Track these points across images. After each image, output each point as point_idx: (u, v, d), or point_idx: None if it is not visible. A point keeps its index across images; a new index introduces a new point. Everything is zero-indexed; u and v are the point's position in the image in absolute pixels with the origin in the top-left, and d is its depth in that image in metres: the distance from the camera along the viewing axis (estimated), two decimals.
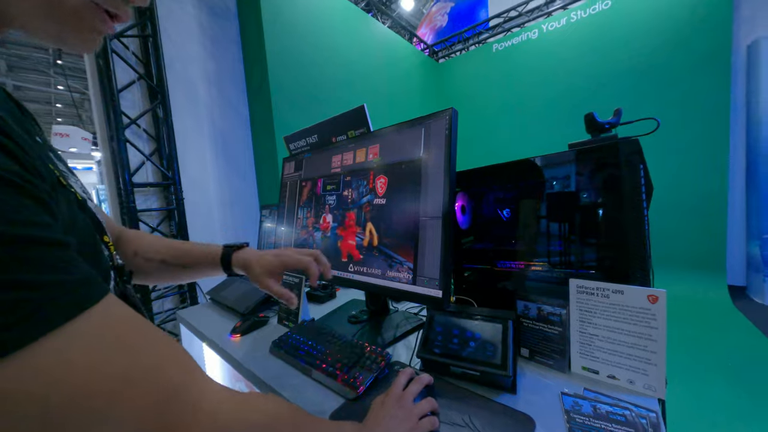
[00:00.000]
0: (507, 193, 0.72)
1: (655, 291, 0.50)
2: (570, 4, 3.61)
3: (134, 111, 1.82)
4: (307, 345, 0.69)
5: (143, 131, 1.85)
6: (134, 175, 1.76)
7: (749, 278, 2.91)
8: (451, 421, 0.47)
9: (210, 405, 0.25)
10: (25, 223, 0.17)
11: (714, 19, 2.80)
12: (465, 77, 4.47)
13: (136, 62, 1.83)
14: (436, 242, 0.56)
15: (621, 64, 3.23)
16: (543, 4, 3.82)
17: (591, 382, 0.55)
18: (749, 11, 2.84)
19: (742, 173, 2.91)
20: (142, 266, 0.54)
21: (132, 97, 1.82)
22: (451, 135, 0.57)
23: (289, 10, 2.43)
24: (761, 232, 2.68)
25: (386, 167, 0.67)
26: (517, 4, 3.98)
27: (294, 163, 0.98)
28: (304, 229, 0.88)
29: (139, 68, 1.83)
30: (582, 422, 0.46)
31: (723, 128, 2.84)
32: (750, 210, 2.87)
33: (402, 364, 0.64)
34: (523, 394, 0.53)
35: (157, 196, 1.94)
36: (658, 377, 0.50)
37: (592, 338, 0.56)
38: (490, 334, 0.58)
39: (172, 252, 0.56)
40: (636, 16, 3.13)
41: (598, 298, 0.55)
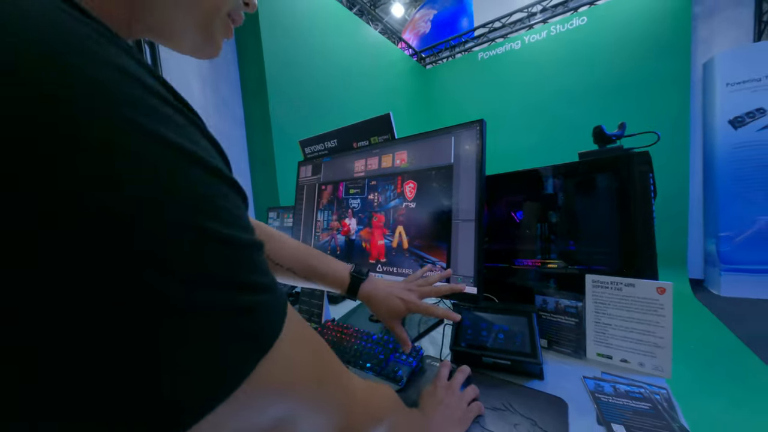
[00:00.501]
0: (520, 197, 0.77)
1: (663, 283, 0.56)
2: (550, 18, 3.80)
3: None
4: (337, 343, 0.71)
5: None
6: None
7: (707, 272, 3.19)
8: (492, 406, 0.51)
9: (360, 394, 0.26)
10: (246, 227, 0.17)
11: (675, 40, 3.05)
12: (451, 84, 4.59)
13: None
14: (469, 242, 0.60)
15: (595, 77, 3.44)
16: (525, 17, 3.99)
17: (606, 367, 0.61)
18: (705, 33, 3.13)
19: (700, 178, 3.19)
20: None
21: None
22: (482, 143, 0.61)
23: (285, 11, 2.41)
24: (717, 231, 2.95)
25: (416, 172, 0.70)
26: (501, 16, 4.14)
27: (311, 166, 0.98)
28: (325, 232, 0.89)
29: None
30: (607, 400, 0.51)
31: (683, 137, 3.11)
32: (707, 211, 3.15)
33: (433, 357, 0.67)
34: (550, 379, 0.58)
35: None
36: (665, 360, 0.56)
37: (606, 327, 0.61)
38: (516, 326, 0.62)
39: (301, 265, 0.55)
40: (609, 33, 3.36)
41: (611, 291, 0.60)
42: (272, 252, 0.53)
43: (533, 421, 0.47)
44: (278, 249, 0.54)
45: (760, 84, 2.71)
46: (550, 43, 3.72)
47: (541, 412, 0.49)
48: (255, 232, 0.18)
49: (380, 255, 0.75)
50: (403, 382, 0.57)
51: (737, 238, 2.85)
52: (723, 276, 2.90)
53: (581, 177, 0.67)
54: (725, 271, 2.89)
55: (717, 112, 2.89)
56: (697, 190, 3.20)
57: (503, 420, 0.48)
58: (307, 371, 0.20)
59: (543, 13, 3.86)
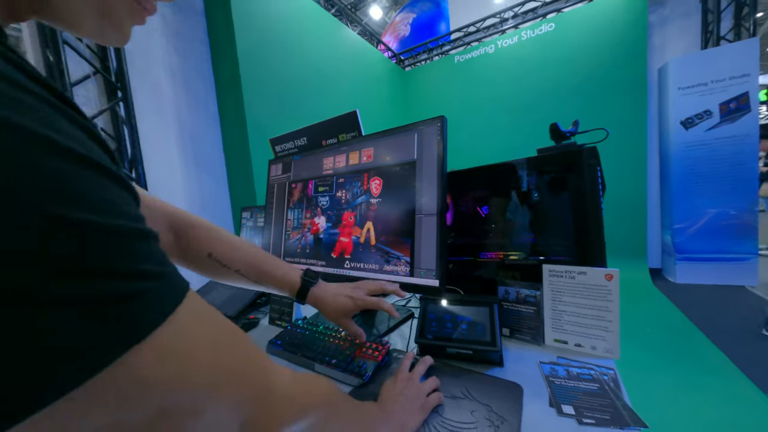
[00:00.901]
0: (485, 193, 0.78)
1: (610, 270, 0.58)
2: (521, 24, 3.92)
3: (89, 108, 1.63)
4: (306, 341, 0.69)
5: (101, 131, 1.66)
6: None
7: (664, 262, 3.40)
8: (452, 395, 0.51)
9: (285, 387, 0.25)
10: (130, 215, 0.17)
11: (633, 46, 3.23)
12: (429, 85, 4.64)
13: (91, 55, 1.64)
14: (431, 237, 0.60)
15: (562, 79, 3.59)
16: (498, 22, 4.09)
17: (562, 351, 0.63)
18: (659, 40, 3.33)
19: (657, 175, 3.40)
20: (215, 270, 0.51)
21: (86, 94, 1.63)
22: (443, 140, 0.61)
23: (260, 9, 2.34)
24: (672, 223, 3.15)
25: (381, 169, 0.70)
26: (476, 21, 4.22)
27: (281, 165, 0.96)
28: (296, 230, 0.87)
29: (95, 62, 1.65)
30: (560, 384, 0.53)
31: (641, 137, 3.29)
32: (663, 205, 3.36)
33: (400, 351, 0.67)
34: (509, 366, 0.59)
35: None
36: (613, 342, 0.59)
37: (561, 314, 0.64)
38: (479, 317, 0.63)
39: (251, 267, 0.53)
40: (575, 39, 3.51)
41: (566, 280, 0.63)
42: (220, 254, 0.51)
43: (489, 407, 0.48)
44: (227, 251, 0.52)
45: (707, 88, 2.92)
46: (521, 47, 3.84)
47: (497, 398, 0.49)
48: (144, 221, 0.18)
49: (347, 252, 0.74)
50: (368, 377, 0.57)
51: (690, 229, 3.06)
52: (678, 265, 3.10)
53: (539, 172, 0.69)
54: (680, 260, 3.10)
55: (670, 114, 3.09)
56: (655, 186, 3.41)
57: (461, 408, 0.48)
58: (200, 363, 0.18)
59: (514, 19, 3.97)
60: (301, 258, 0.85)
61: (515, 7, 3.92)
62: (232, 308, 0.95)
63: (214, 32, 2.25)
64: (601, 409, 0.46)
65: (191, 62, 2.15)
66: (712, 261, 2.98)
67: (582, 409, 0.47)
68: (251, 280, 0.53)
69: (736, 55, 2.81)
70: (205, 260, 0.50)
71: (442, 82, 4.48)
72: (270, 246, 0.95)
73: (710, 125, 2.93)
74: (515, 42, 3.88)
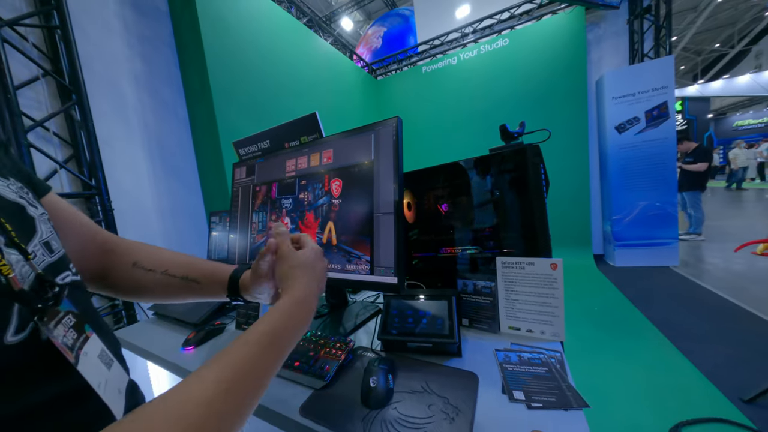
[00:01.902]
0: (444, 190, 0.77)
1: (554, 260, 0.59)
2: (480, 38, 4.04)
3: (40, 112, 1.44)
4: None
5: (53, 135, 1.47)
6: None
7: (605, 248, 3.65)
8: (412, 390, 0.49)
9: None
10: None
11: (575, 60, 3.44)
12: (399, 93, 4.66)
13: (40, 56, 1.44)
14: (389, 235, 0.57)
15: (515, 88, 3.75)
16: (460, 37, 4.19)
17: (515, 338, 0.62)
18: (596, 56, 3.57)
19: (598, 173, 3.64)
20: (142, 279, 0.43)
21: (36, 96, 1.43)
22: (397, 140, 0.58)
23: (229, 14, 2.20)
24: (611, 215, 3.39)
25: (341, 170, 0.66)
26: (440, 35, 4.29)
27: (245, 168, 0.89)
28: (260, 234, 0.81)
29: (45, 63, 1.45)
30: (512, 369, 0.52)
31: (584, 139, 3.52)
32: (603, 199, 3.60)
33: (365, 348, 0.63)
34: (467, 355, 0.58)
35: (77, 207, 1.57)
36: (559, 326, 0.60)
37: (514, 303, 0.63)
38: (438, 310, 0.61)
39: (177, 264, 0.44)
40: (526, 53, 3.67)
41: (517, 271, 0.62)
42: (145, 260, 0.44)
43: (446, 399, 0.45)
44: (151, 256, 0.45)
45: (635, 98, 3.17)
46: (480, 59, 3.96)
47: (454, 389, 0.47)
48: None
49: None
50: (329, 377, 0.53)
51: (625, 219, 3.31)
52: (617, 250, 3.34)
53: (490, 169, 0.68)
54: (618, 246, 3.34)
55: (607, 120, 3.32)
56: (596, 183, 3.65)
57: (420, 402, 0.46)
58: None
59: (474, 34, 4.08)
60: None
61: (474, 23, 4.03)
62: (196, 315, 0.87)
63: (180, 36, 2.08)
64: (548, 392, 0.46)
65: (156, 66, 1.97)
66: (644, 246, 3.24)
67: (531, 394, 0.46)
68: (178, 277, 0.44)
69: (657, 70, 3.07)
70: (131, 270, 0.44)
71: (411, 90, 4.51)
72: (236, 248, 0.88)
73: (638, 129, 3.19)
74: (475, 55, 3.99)
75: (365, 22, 9.23)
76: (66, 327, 0.27)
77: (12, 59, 1.33)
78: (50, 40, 1.48)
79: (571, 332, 1.99)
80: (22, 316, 0.24)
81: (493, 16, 3.88)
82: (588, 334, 1.99)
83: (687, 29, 9.06)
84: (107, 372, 0.30)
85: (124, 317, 1.69)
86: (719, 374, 1.49)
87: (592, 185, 3.60)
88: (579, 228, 3.59)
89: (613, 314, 2.26)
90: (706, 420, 1.22)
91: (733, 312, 2.10)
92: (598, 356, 1.75)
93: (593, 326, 2.09)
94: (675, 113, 3.09)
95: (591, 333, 2.00)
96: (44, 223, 0.31)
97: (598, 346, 1.85)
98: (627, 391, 1.45)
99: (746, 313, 2.07)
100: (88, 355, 0.28)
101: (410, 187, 0.81)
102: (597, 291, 2.72)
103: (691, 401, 1.34)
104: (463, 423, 0.41)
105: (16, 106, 1.30)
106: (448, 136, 4.22)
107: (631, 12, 3.35)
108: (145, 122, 1.89)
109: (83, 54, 1.56)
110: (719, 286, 2.51)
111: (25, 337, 0.23)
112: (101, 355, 0.30)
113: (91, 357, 0.28)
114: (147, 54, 1.93)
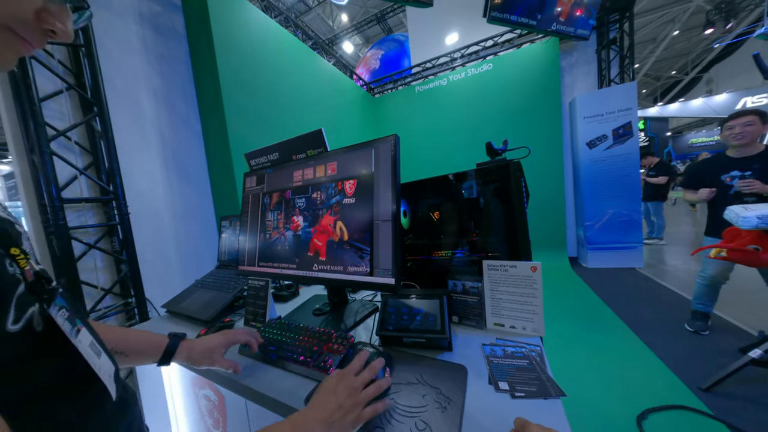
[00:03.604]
0: (436, 200, 0.78)
1: (534, 263, 0.60)
2: (467, 63, 4.13)
3: (63, 123, 1.42)
4: (276, 340, 0.63)
5: (75, 144, 1.45)
6: (64, 190, 1.36)
7: (579, 251, 3.71)
8: (407, 381, 0.49)
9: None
10: None
11: (550, 84, 3.54)
12: (395, 110, 4.72)
13: (64, 71, 1.43)
14: (387, 240, 0.58)
15: (498, 108, 3.83)
16: (449, 61, 4.28)
17: (500, 333, 0.63)
18: (569, 80, 3.68)
19: (572, 183, 3.72)
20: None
21: (59, 108, 1.41)
22: (395, 155, 0.60)
23: (241, 36, 2.22)
24: (583, 221, 3.46)
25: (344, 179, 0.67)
26: (432, 58, 4.38)
27: (256, 177, 0.89)
28: (276, 230, 0.80)
29: (69, 78, 1.44)
30: (497, 362, 0.53)
31: (559, 154, 3.60)
32: (577, 207, 3.68)
33: (364, 343, 0.63)
34: (457, 350, 0.58)
35: (95, 212, 1.53)
36: (539, 323, 0.61)
37: (499, 301, 0.64)
38: (431, 308, 0.62)
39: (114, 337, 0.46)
40: (507, 76, 3.77)
41: (501, 272, 0.64)
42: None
43: (438, 390, 0.46)
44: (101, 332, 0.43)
45: (603, 118, 3.27)
46: (467, 82, 4.05)
47: (446, 381, 0.48)
48: None
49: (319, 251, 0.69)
50: (331, 371, 0.53)
51: (596, 225, 3.38)
52: (589, 253, 3.40)
53: (476, 182, 0.70)
54: (590, 249, 3.40)
55: (579, 137, 3.41)
56: (570, 192, 3.73)
57: (414, 392, 0.46)
58: None
59: (462, 59, 4.18)
60: (275, 261, 0.79)
61: (462, 49, 4.13)
62: (208, 312, 0.86)
63: (196, 56, 2.08)
64: (530, 383, 0.47)
65: (173, 83, 1.97)
66: (612, 249, 3.30)
67: (515, 384, 0.47)
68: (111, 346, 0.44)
69: (622, 93, 3.18)
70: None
71: (405, 108, 4.57)
72: (246, 250, 0.88)
73: (607, 146, 3.28)
74: (463, 77, 4.08)
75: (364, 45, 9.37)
76: (62, 318, 0.28)
77: (38, 74, 1.31)
78: (74, 57, 1.47)
79: (549, 328, 2.01)
80: (19, 306, 0.24)
81: (479, 43, 3.98)
82: (564, 329, 2.01)
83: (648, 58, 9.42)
84: (98, 360, 0.31)
85: (136, 314, 1.65)
86: (679, 365, 1.51)
87: (566, 195, 3.68)
88: (555, 233, 3.65)
89: (587, 311, 2.29)
90: (670, 407, 1.24)
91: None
92: (573, 350, 1.76)
93: (569, 322, 2.11)
94: (638, 131, 3.19)
95: (567, 328, 2.02)
96: (26, 239, 0.32)
97: (573, 340, 1.87)
98: (598, 381, 1.47)
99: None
100: (82, 343, 0.29)
101: (405, 197, 0.82)
102: (570, 290, 2.76)
103: (655, 390, 1.36)
104: (455, 411, 0.41)
105: (40, 117, 1.28)
106: (438, 149, 4.27)
107: (599, 43, 3.48)
108: (161, 133, 1.88)
109: (105, 70, 1.55)
110: (679, 286, 2.57)
111: (22, 327, 0.24)
112: (91, 345, 0.31)
113: (84, 346, 0.30)
114: (164, 71, 1.93)
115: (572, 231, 3.74)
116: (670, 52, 10.09)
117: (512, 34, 3.78)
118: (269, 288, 0.77)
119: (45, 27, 0.23)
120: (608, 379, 1.47)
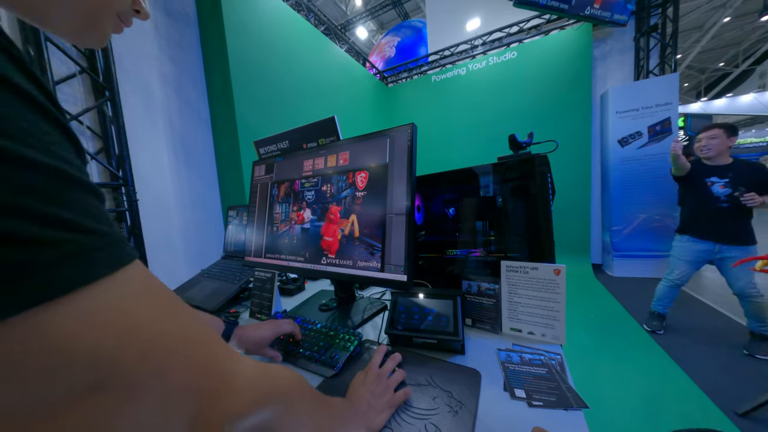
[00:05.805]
0: (452, 195, 0.77)
1: (558, 266, 0.59)
2: (489, 51, 4.02)
3: (76, 107, 1.49)
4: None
5: (87, 128, 1.52)
6: None
7: (604, 258, 3.59)
8: (417, 383, 0.49)
9: (244, 377, 0.21)
10: (65, 160, 0.14)
11: (580, 75, 3.40)
12: (409, 100, 4.66)
13: (78, 54, 1.49)
14: (400, 235, 0.58)
15: (522, 100, 3.72)
16: (469, 48, 4.18)
17: (517, 339, 0.62)
18: (602, 71, 3.53)
19: (599, 184, 3.59)
20: None
21: (72, 92, 1.48)
22: (412, 145, 0.59)
23: (252, 21, 2.24)
24: (610, 226, 3.34)
25: (357, 171, 0.67)
26: (450, 46, 4.29)
27: (265, 166, 0.90)
28: (284, 223, 0.82)
29: (82, 61, 1.50)
30: (513, 369, 0.52)
31: (587, 151, 3.47)
32: (603, 210, 3.55)
33: (372, 341, 0.64)
34: (470, 353, 0.58)
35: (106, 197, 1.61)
36: (560, 330, 0.59)
37: (516, 305, 0.63)
38: (444, 309, 0.62)
39: None
40: (532, 66, 3.64)
41: (520, 275, 0.62)
42: None
43: (450, 393, 0.46)
44: None
45: (639, 113, 3.12)
46: (488, 71, 3.94)
47: (458, 384, 0.48)
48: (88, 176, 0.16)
49: (328, 245, 0.70)
50: (338, 367, 0.53)
51: (625, 230, 3.25)
52: (615, 261, 3.29)
53: (498, 177, 0.69)
54: (616, 256, 3.29)
55: (610, 133, 3.27)
56: (597, 194, 3.60)
57: (425, 394, 0.46)
58: (140, 336, 0.15)
59: (483, 47, 4.07)
60: (282, 254, 0.80)
61: (484, 36, 4.02)
62: (213, 302, 0.89)
63: (206, 41, 2.13)
64: (549, 392, 0.46)
65: (183, 68, 2.02)
66: (642, 258, 3.18)
67: (532, 392, 0.46)
68: None
69: (661, 86, 3.02)
70: None
71: (420, 98, 4.52)
72: (252, 241, 0.90)
73: (641, 144, 3.14)
74: (483, 66, 3.98)
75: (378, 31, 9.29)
76: None
77: (53, 57, 1.38)
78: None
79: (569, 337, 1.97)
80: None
81: (503, 29, 3.86)
82: (584, 339, 1.97)
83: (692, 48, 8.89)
84: None
85: None
86: (713, 386, 1.45)
87: (593, 195, 3.55)
88: (578, 237, 3.53)
89: (610, 322, 2.22)
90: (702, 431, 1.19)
91: (728, 326, 2.05)
92: (594, 363, 1.72)
93: (590, 333, 2.06)
94: (678, 129, 3.03)
95: (588, 339, 1.97)
96: None
97: (594, 353, 1.83)
98: (622, 397, 1.43)
99: (742, 327, 2.02)
100: None
101: (420, 190, 0.81)
102: (593, 299, 2.68)
103: (685, 411, 1.31)
104: (467, 416, 0.41)
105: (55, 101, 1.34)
106: (454, 143, 4.20)
107: (638, 30, 3.31)
108: (170, 120, 1.94)
109: (117, 53, 1.60)
110: (716, 301, 2.45)
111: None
112: None
113: None
114: (175, 56, 1.98)
115: (597, 236, 3.61)
116: (719, 42, 9.46)
117: (540, 19, 3.65)
118: (275, 280, 0.79)
119: (134, 8, 0.29)
120: (633, 396, 1.43)
